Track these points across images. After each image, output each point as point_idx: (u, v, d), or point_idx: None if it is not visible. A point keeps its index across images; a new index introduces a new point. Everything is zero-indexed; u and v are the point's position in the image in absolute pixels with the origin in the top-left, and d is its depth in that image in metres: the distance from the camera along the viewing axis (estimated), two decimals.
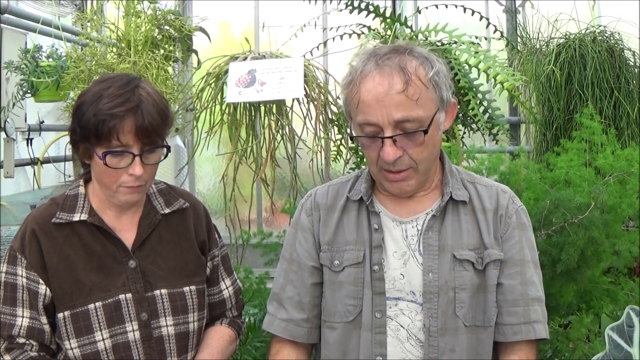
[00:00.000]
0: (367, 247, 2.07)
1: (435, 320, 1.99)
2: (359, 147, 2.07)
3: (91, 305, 2.08)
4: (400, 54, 1.94)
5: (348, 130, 2.04)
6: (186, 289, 2.19)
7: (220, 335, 2.33)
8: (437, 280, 2.00)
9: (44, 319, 2.11)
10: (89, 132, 1.99)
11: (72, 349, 2.09)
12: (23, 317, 2.11)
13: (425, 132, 1.90)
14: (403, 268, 2.03)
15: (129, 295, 2.11)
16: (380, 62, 1.92)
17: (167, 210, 2.23)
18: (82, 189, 2.18)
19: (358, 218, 2.11)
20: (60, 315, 2.08)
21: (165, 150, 2.11)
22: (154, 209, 2.22)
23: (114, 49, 3.74)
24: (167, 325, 2.15)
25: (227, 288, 2.39)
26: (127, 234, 2.17)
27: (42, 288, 2.10)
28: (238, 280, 2.48)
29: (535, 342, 2.08)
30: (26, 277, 2.10)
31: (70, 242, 2.11)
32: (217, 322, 2.39)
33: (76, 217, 2.12)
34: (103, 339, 2.08)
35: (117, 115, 1.96)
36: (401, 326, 2.02)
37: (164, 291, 2.15)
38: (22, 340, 2.11)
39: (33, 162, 4.23)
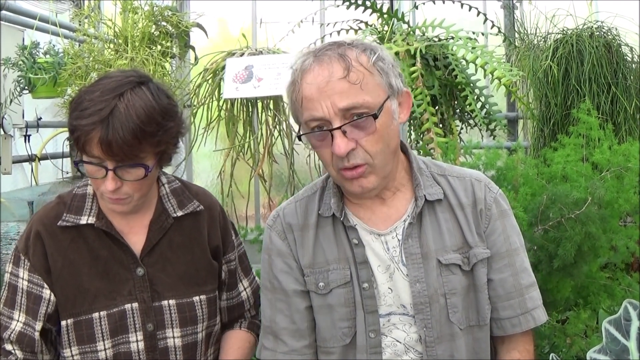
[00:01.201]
0: (351, 264, 1.98)
1: (430, 330, 1.94)
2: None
3: (95, 314, 2.02)
4: (339, 46, 1.86)
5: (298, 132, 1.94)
6: (196, 298, 2.12)
7: (240, 344, 2.26)
8: (425, 290, 1.94)
9: (37, 326, 2.05)
10: (71, 137, 1.92)
11: (72, 356, 2.04)
12: (18, 321, 2.06)
13: (375, 116, 1.80)
14: (390, 282, 1.97)
15: (135, 304, 2.05)
16: (319, 55, 1.85)
17: (179, 213, 2.15)
18: (90, 189, 2.11)
19: (335, 233, 2.02)
20: (63, 322, 2.04)
21: (142, 169, 1.95)
22: (166, 212, 2.14)
23: (111, 45, 3.73)
24: (173, 337, 2.08)
25: (245, 289, 2.32)
26: (136, 237, 2.10)
27: (47, 292, 2.04)
28: (256, 277, 2.38)
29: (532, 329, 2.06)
30: (28, 279, 2.05)
31: (75, 245, 2.05)
32: (236, 324, 2.32)
33: (83, 220, 2.05)
34: (105, 349, 2.03)
35: (81, 128, 1.86)
36: (397, 341, 1.98)
37: (172, 302, 2.08)
38: (9, 347, 2.06)
39: (31, 158, 4.24)
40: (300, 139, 1.93)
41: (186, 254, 2.13)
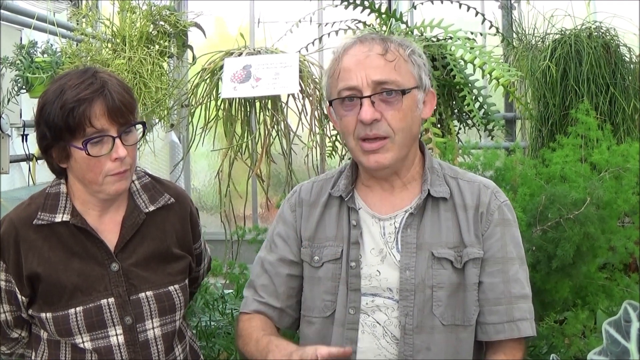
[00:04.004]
0: (345, 243, 2.08)
1: (411, 318, 1.99)
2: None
3: (71, 310, 2.04)
4: (380, 35, 2.06)
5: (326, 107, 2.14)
6: (171, 288, 2.15)
7: None
8: (413, 278, 2.00)
9: (25, 314, 2.13)
10: (60, 128, 1.94)
11: (65, 344, 2.09)
12: (4, 312, 2.13)
13: (403, 92, 1.97)
14: (380, 265, 2.04)
15: (111, 299, 2.07)
16: (361, 37, 2.04)
17: (151, 208, 2.18)
18: (63, 187, 2.12)
19: (339, 214, 2.14)
20: (43, 315, 2.06)
21: (141, 127, 2.10)
22: (138, 208, 2.16)
23: (109, 45, 3.73)
24: (153, 328, 2.11)
25: (204, 266, 2.46)
26: (110, 234, 2.12)
27: (19, 295, 2.08)
28: (208, 249, 2.51)
29: (523, 340, 2.06)
30: (5, 279, 2.08)
31: (49, 243, 2.07)
32: None
33: (58, 218, 2.07)
34: (83, 342, 2.05)
35: (84, 100, 1.93)
36: (377, 322, 2.03)
37: (149, 293, 2.11)
38: (14, 335, 2.16)
39: (28, 158, 4.22)
40: (331, 104, 2.07)
41: (159, 247, 2.17)
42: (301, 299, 2.18)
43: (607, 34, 4.32)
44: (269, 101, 3.77)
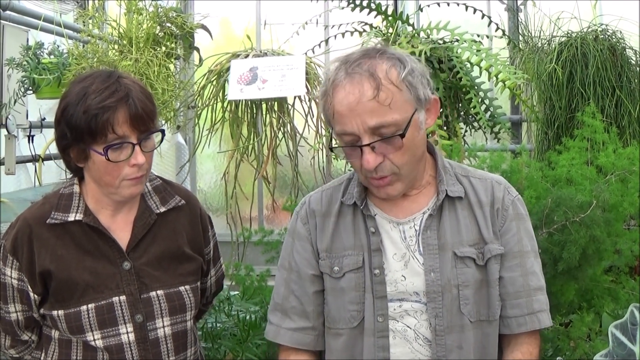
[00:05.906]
0: (365, 251, 2.06)
1: (440, 319, 2.00)
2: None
3: (83, 307, 2.07)
4: (370, 58, 1.93)
5: (331, 139, 2.10)
6: (182, 288, 2.17)
7: None
8: (439, 279, 2.00)
9: (36, 315, 2.15)
10: (81, 132, 1.96)
11: (77, 342, 2.11)
12: (16, 312, 2.15)
13: (402, 135, 1.89)
14: (404, 270, 2.03)
15: (122, 297, 2.09)
16: (350, 70, 1.91)
17: (162, 209, 2.21)
18: (77, 188, 2.15)
19: (354, 222, 2.10)
20: (54, 312, 2.08)
21: (160, 135, 2.10)
22: (149, 209, 2.19)
23: (116, 46, 3.74)
24: (163, 327, 2.13)
25: (211, 277, 2.42)
26: (122, 233, 2.15)
27: (31, 294, 2.11)
28: (222, 266, 2.50)
29: (538, 332, 2.09)
30: (17, 278, 2.10)
31: (62, 242, 2.09)
32: None
33: (71, 217, 2.10)
34: (94, 339, 2.07)
35: (109, 108, 1.94)
36: (408, 327, 2.03)
37: (160, 292, 2.13)
38: (25, 337, 2.18)
39: (34, 159, 4.23)
40: (332, 150, 2.09)
41: (170, 247, 2.19)
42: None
43: (614, 36, 4.32)
44: (276, 103, 3.78)
